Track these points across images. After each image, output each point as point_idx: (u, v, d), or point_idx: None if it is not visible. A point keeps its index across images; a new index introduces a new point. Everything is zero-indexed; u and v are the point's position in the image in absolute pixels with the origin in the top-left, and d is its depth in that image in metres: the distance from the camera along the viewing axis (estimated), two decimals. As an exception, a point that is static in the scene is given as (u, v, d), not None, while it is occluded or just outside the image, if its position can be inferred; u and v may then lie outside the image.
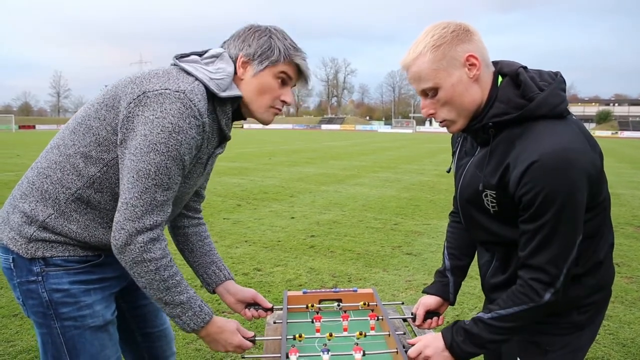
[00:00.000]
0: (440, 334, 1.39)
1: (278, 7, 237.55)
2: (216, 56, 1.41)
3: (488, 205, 1.31)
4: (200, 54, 1.43)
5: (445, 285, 1.67)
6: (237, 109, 1.45)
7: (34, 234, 1.35)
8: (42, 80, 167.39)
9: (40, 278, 1.36)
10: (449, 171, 1.57)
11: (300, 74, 1.45)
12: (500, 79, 1.30)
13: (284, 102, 1.44)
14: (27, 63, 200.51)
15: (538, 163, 1.15)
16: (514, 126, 1.25)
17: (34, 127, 63.71)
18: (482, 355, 1.52)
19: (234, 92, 1.38)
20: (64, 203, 1.35)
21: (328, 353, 1.41)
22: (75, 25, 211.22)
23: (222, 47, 1.45)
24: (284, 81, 1.42)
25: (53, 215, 1.35)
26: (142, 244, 1.27)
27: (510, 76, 1.28)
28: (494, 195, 1.28)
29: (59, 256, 1.37)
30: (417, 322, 1.67)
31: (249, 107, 1.43)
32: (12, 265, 1.37)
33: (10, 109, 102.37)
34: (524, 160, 1.18)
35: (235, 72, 1.41)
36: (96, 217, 1.38)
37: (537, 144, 1.18)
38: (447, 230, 1.75)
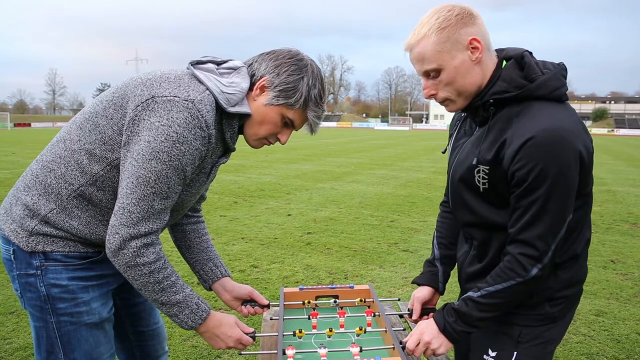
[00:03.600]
0: (432, 319, 1.42)
1: (277, 3, 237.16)
2: (234, 69, 1.38)
3: (479, 182, 1.33)
4: (218, 63, 1.40)
5: (435, 275, 1.69)
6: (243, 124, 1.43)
7: (36, 227, 1.35)
8: (38, 78, 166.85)
9: (39, 272, 1.36)
10: (444, 152, 1.59)
11: (307, 124, 1.44)
12: (505, 63, 1.33)
13: (278, 140, 1.44)
14: (22, 60, 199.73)
15: (533, 140, 1.18)
16: (513, 105, 1.28)
17: (29, 124, 63.36)
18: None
19: (243, 108, 1.36)
20: (66, 199, 1.35)
21: (325, 348, 1.42)
22: (71, 21, 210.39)
23: (257, 58, 1.41)
24: (288, 124, 1.42)
25: (55, 210, 1.35)
26: (135, 249, 1.27)
27: (515, 59, 1.32)
28: (487, 171, 1.30)
29: (59, 251, 1.37)
30: (414, 317, 1.68)
31: (244, 128, 1.42)
32: (12, 257, 1.37)
33: (6, 107, 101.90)
34: (520, 137, 1.21)
35: (251, 89, 1.39)
36: (97, 215, 1.38)
37: (534, 122, 1.21)
38: (437, 220, 1.77)
